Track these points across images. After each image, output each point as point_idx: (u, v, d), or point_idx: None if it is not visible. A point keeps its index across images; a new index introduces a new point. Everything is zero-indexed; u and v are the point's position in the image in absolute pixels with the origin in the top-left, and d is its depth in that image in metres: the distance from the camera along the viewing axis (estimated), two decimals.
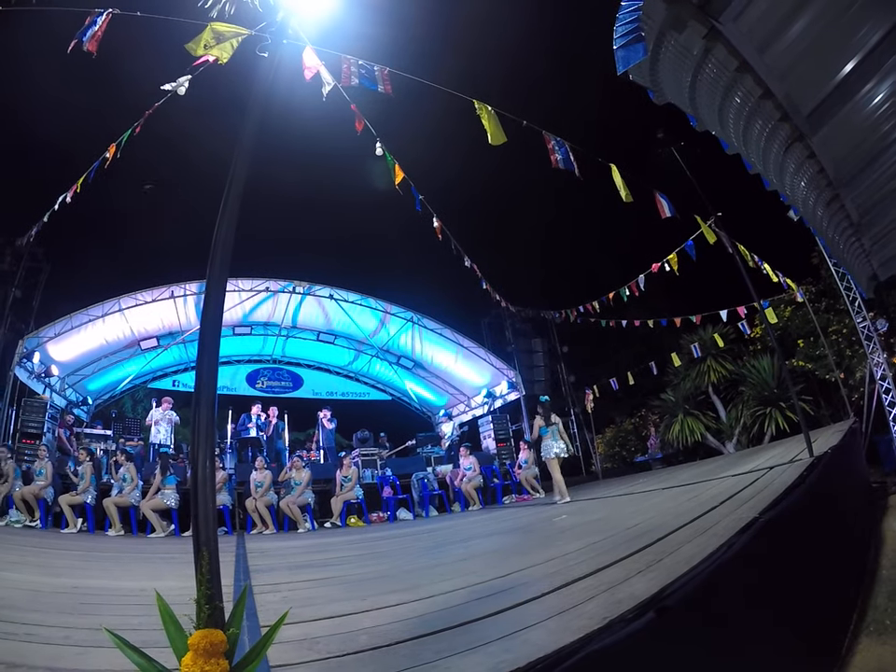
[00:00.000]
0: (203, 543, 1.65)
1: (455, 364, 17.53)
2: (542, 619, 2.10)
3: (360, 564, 5.16)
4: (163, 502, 9.67)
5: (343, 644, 2.12)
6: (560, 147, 7.19)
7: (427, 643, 2.02)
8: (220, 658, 1.38)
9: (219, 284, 2.17)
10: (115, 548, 7.80)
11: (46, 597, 3.61)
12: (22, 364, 12.92)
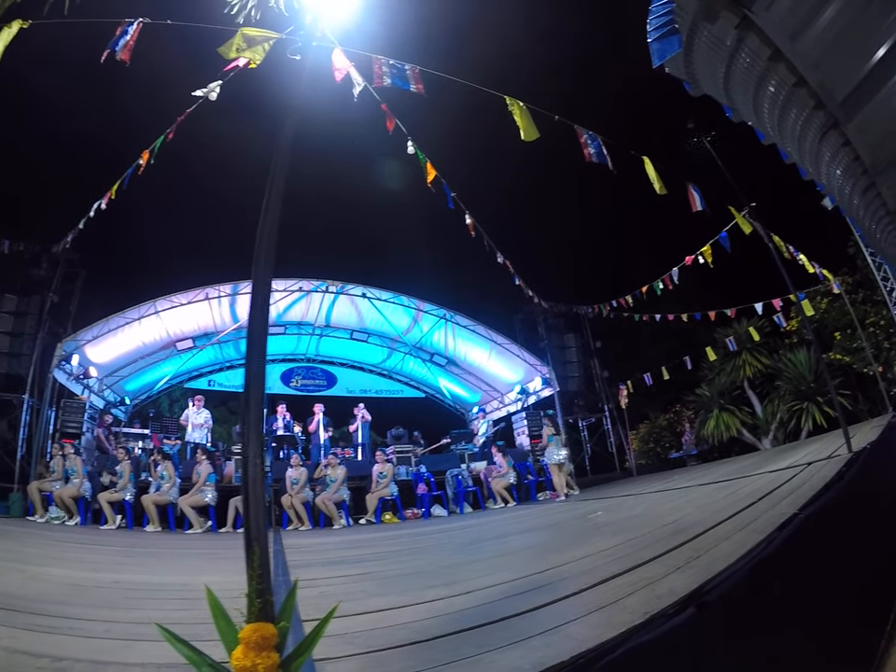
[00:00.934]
0: (253, 539, 1.67)
1: (489, 361, 17.46)
2: (583, 614, 2.10)
3: (396, 560, 5.19)
4: (202, 499, 9.83)
5: (383, 639, 2.14)
6: (593, 140, 7.13)
7: (468, 638, 2.03)
8: (271, 651, 1.40)
9: (265, 283, 2.21)
10: (153, 544, 7.94)
11: (88, 592, 3.69)
12: (61, 366, 13.27)
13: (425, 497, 11.24)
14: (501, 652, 1.78)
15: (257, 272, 2.16)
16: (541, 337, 17.31)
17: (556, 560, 3.43)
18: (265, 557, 1.61)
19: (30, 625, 2.53)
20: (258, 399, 1.92)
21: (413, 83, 6.49)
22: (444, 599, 2.74)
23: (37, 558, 5.62)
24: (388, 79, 6.46)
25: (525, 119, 6.51)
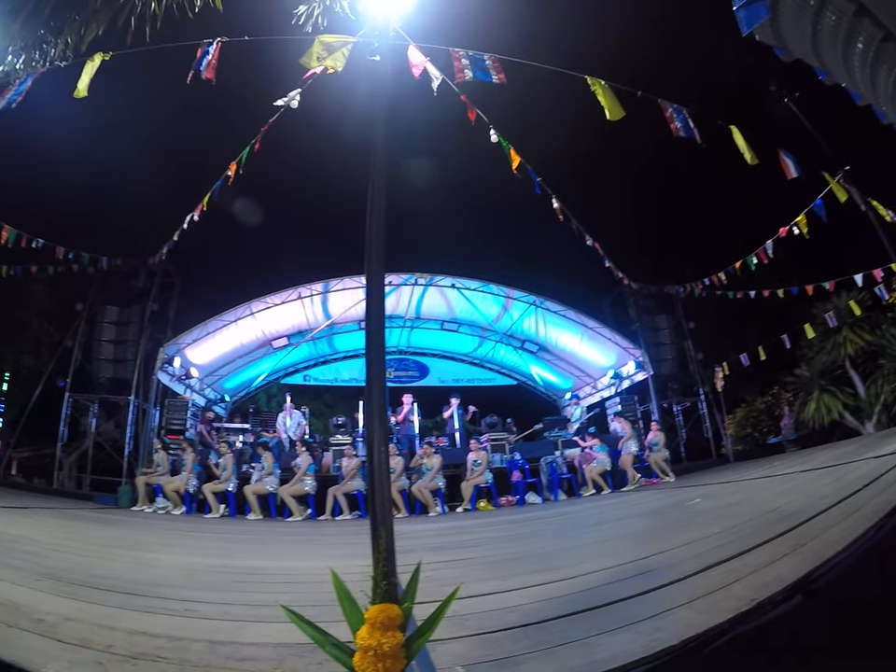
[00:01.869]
0: (379, 524, 1.76)
1: (580, 345, 17.21)
2: (690, 599, 2.11)
3: (496, 545, 5.25)
4: (302, 488, 10.21)
5: (492, 621, 2.20)
6: (678, 114, 6.93)
7: (577, 621, 2.07)
8: (395, 631, 1.46)
9: (378, 278, 2.33)
10: (257, 531, 8.29)
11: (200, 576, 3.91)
12: (164, 369, 14.13)
13: (519, 485, 11.26)
14: (610, 636, 1.82)
15: (369, 267, 2.27)
16: (633, 319, 16.82)
17: (658, 546, 3.42)
18: (390, 541, 1.68)
19: (147, 608, 2.69)
20: (380, 388, 2.03)
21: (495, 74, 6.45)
22: (550, 584, 2.78)
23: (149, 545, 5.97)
24: (469, 72, 6.43)
25: (608, 98, 6.37)
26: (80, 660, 1.88)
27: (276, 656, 1.97)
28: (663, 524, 5.37)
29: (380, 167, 2.44)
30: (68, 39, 4.55)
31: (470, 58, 6.47)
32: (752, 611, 1.77)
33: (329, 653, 1.54)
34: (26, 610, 2.41)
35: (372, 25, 4.54)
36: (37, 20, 4.33)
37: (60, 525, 7.04)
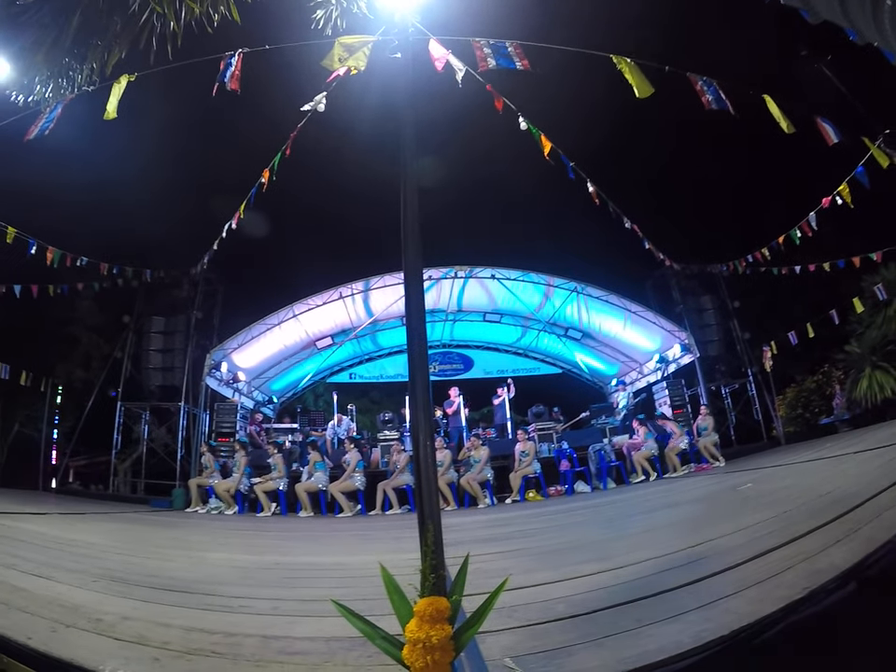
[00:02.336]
0: (427, 517, 1.77)
1: (624, 330, 16.91)
2: (740, 588, 2.09)
3: (545, 536, 5.25)
4: (352, 484, 10.32)
5: (541, 612, 2.20)
6: (709, 86, 6.77)
7: (626, 612, 2.06)
8: (444, 623, 1.47)
9: (416, 273, 2.35)
10: (308, 528, 8.42)
11: (253, 573, 4.00)
12: (212, 374, 14.44)
13: (568, 474, 11.19)
14: (660, 626, 1.81)
15: (407, 263, 2.28)
16: (676, 301, 16.49)
17: (708, 534, 3.37)
18: (438, 534, 1.69)
19: (202, 605, 2.77)
20: (423, 383, 2.04)
21: (518, 60, 6.37)
22: (599, 574, 2.77)
23: (203, 544, 6.14)
24: (493, 61, 6.36)
25: (635, 76, 6.24)
26: (137, 657, 1.94)
27: (328, 650, 2.00)
28: (713, 510, 5.30)
29: (410, 163, 2.46)
30: (93, 65, 4.65)
31: (492, 46, 6.38)
32: (804, 600, 1.74)
33: (379, 646, 1.56)
34: (84, 611, 2.49)
35: (391, 23, 4.55)
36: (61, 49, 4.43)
37: (116, 529, 7.27)
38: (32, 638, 1.99)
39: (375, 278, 15.25)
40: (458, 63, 6.16)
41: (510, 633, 2.01)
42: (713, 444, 11.55)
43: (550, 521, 6.59)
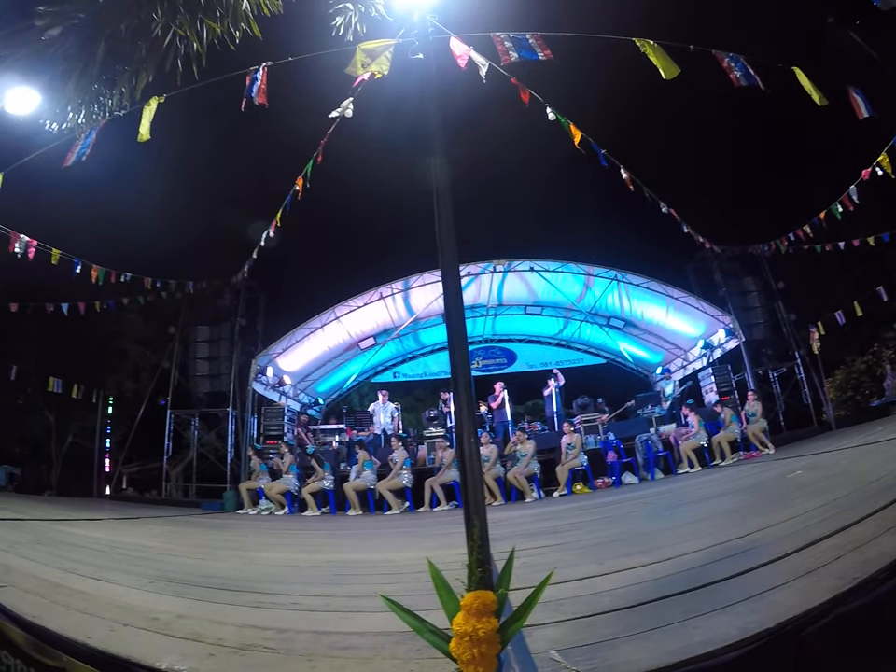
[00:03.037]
0: (473, 512, 1.78)
1: (667, 317, 16.68)
2: (788, 579, 2.06)
3: (592, 529, 5.23)
4: (399, 482, 10.42)
5: (587, 605, 2.21)
6: (736, 62, 6.64)
7: (672, 604, 2.05)
8: (490, 617, 1.49)
9: (453, 271, 2.35)
10: (357, 526, 8.54)
11: (304, 571, 4.09)
12: (258, 379, 14.72)
13: (615, 465, 11.11)
14: (706, 618, 1.80)
15: (444, 262, 2.29)
16: (719, 285, 16.11)
17: (757, 524, 3.33)
18: (484, 529, 1.71)
19: (255, 603, 2.83)
20: (465, 380, 2.05)
21: (540, 51, 6.33)
22: (645, 566, 2.76)
23: (255, 545, 6.26)
24: (515, 54, 6.31)
25: (660, 58, 6.13)
26: (192, 653, 1.99)
27: (377, 644, 2.03)
28: (762, 499, 5.22)
29: (441, 161, 2.47)
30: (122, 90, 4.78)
31: (513, 39, 6.35)
32: (854, 591, 1.71)
33: (427, 640, 1.58)
34: (140, 610, 2.57)
35: (410, 24, 4.57)
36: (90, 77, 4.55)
37: (170, 532, 7.44)
38: (91, 638, 2.07)
39: (414, 277, 15.35)
40: (481, 58, 6.16)
41: (555, 626, 2.01)
42: (762, 431, 11.28)
43: (597, 513, 6.56)
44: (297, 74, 6.51)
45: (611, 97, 17.66)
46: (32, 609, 2.39)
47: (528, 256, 15.86)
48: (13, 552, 4.20)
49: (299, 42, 6.19)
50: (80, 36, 4.47)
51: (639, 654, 1.58)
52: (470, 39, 6.19)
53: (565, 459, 10.78)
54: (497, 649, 1.47)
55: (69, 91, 4.69)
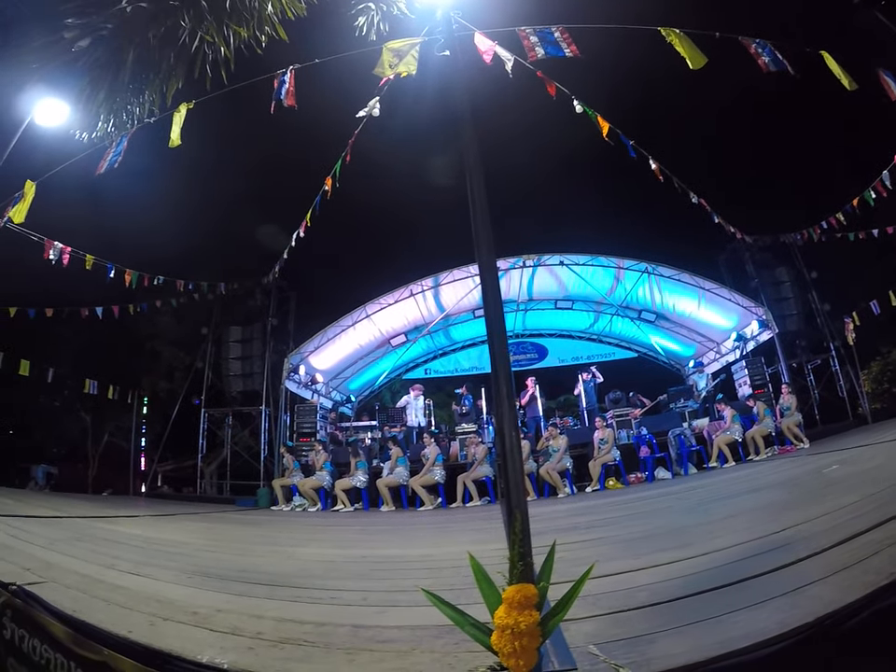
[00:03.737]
0: (514, 506, 1.80)
1: (699, 310, 16.44)
2: (826, 574, 2.04)
3: (627, 524, 5.21)
4: (432, 478, 10.47)
5: (624, 600, 2.22)
6: (763, 48, 6.53)
7: (709, 599, 2.05)
8: (532, 610, 1.50)
9: (491, 266, 2.39)
10: (390, 522, 8.57)
11: (340, 566, 4.14)
12: (290, 378, 14.92)
13: (648, 460, 11.02)
14: (744, 613, 1.79)
15: (481, 257, 2.34)
16: (751, 275, 15.77)
17: (793, 519, 3.30)
18: (525, 522, 1.72)
19: (293, 597, 2.89)
20: (506, 375, 2.07)
21: (566, 46, 6.28)
22: (681, 561, 2.76)
23: (290, 540, 6.34)
24: (541, 50, 6.26)
25: (686, 47, 6.04)
26: (232, 646, 2.04)
27: (415, 638, 2.06)
28: (797, 494, 5.15)
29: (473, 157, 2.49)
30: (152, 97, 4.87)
31: (538, 34, 6.31)
32: (892, 586, 1.70)
33: (468, 633, 1.60)
34: (180, 605, 2.63)
35: (434, 21, 4.58)
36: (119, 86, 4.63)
37: (206, 528, 7.57)
38: (132, 632, 2.11)
39: (444, 273, 15.45)
40: (506, 53, 6.15)
41: (593, 620, 2.03)
42: (796, 425, 11.04)
43: (631, 509, 6.53)
44: (322, 75, 6.57)
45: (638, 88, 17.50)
46: (73, 605, 2.45)
47: (558, 249, 15.75)
48: (53, 548, 4.30)
49: (322, 44, 6.23)
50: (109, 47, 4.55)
51: (678, 649, 1.59)
52: (494, 34, 6.18)
53: (597, 454, 10.73)
54: (537, 642, 1.48)
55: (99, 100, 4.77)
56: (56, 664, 2.10)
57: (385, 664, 1.82)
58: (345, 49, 6.10)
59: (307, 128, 13.71)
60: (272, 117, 6.49)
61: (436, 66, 4.86)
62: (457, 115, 2.65)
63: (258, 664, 1.83)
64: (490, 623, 1.55)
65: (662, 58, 6.50)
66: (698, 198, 11.48)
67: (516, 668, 1.44)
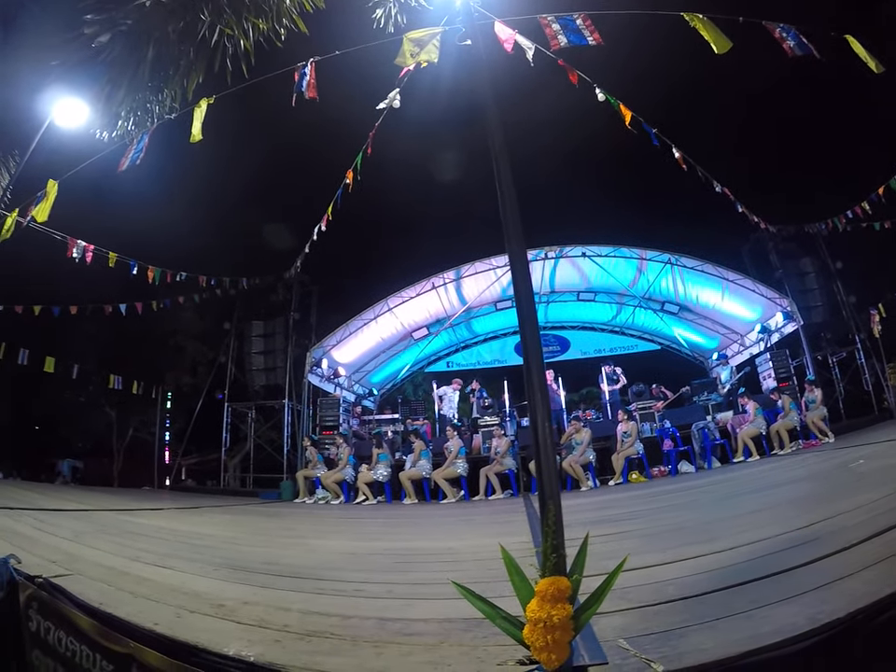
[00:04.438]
0: (548, 497, 1.79)
1: (722, 301, 16.27)
2: (857, 569, 2.02)
3: (652, 518, 5.19)
4: (455, 471, 10.49)
5: (652, 594, 2.20)
6: (788, 32, 6.42)
7: (739, 593, 2.03)
8: (564, 603, 1.49)
9: (521, 258, 2.36)
10: (414, 515, 8.63)
11: (365, 559, 4.15)
12: (313, 371, 15.12)
13: (671, 454, 10.98)
14: (774, 608, 1.78)
15: (511, 249, 2.31)
16: (775, 266, 15.57)
17: (821, 513, 3.27)
18: (559, 514, 1.71)
19: (317, 590, 2.89)
20: (538, 365, 2.07)
21: (589, 34, 6.20)
22: (709, 555, 2.74)
23: (314, 533, 6.38)
24: (564, 38, 6.18)
25: (710, 32, 5.95)
26: (259, 639, 2.04)
27: (443, 631, 2.05)
28: (824, 489, 5.13)
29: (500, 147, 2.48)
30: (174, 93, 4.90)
31: (560, 22, 6.23)
32: None
33: (500, 626, 1.59)
34: (206, 597, 2.65)
35: (452, 11, 4.57)
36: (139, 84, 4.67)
37: (230, 521, 7.63)
38: (158, 624, 2.12)
39: (466, 266, 15.44)
40: (526, 41, 6.08)
41: (621, 614, 2.02)
42: (821, 419, 10.89)
43: (655, 502, 6.52)
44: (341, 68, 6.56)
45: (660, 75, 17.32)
46: (99, 597, 2.47)
47: (579, 241, 15.65)
48: (79, 541, 4.35)
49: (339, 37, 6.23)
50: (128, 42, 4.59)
51: (708, 643, 1.58)
52: (516, 23, 6.12)
53: (620, 447, 10.70)
54: (570, 635, 1.48)
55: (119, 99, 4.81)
56: (81, 655, 2.12)
57: (414, 657, 1.81)
58: (363, 41, 6.10)
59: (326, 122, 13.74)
60: (289, 111, 6.48)
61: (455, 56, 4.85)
62: (481, 103, 2.64)
63: (285, 656, 1.82)
64: (521, 616, 1.54)
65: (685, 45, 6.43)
66: (722, 187, 11.33)
67: (548, 662, 1.43)
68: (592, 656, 1.59)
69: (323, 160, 13.44)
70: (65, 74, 4.93)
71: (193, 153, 8.99)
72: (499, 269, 15.40)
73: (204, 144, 6.19)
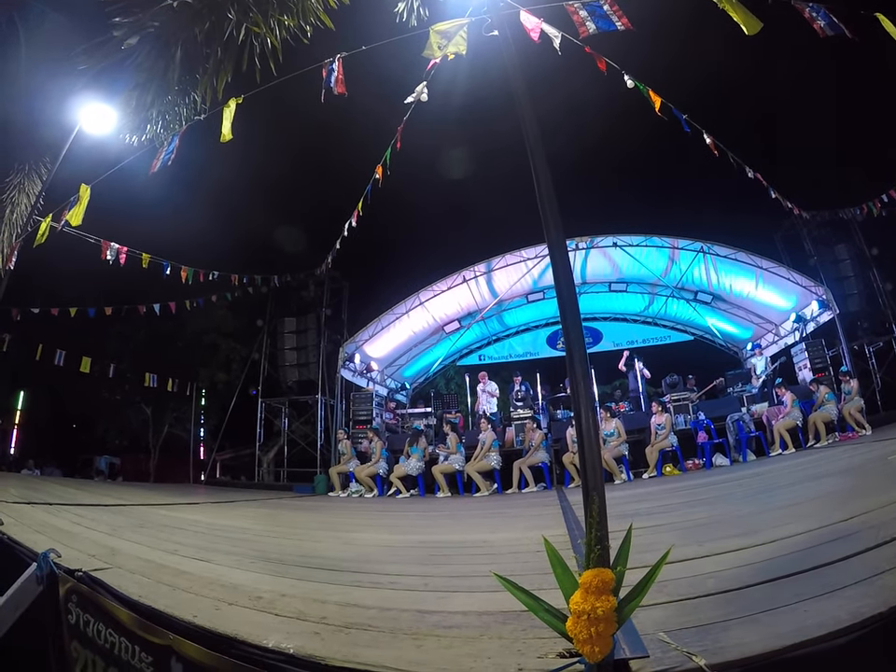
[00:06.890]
0: (592, 489, 1.81)
1: (756, 290, 15.99)
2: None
3: (688, 511, 5.16)
4: (488, 464, 10.50)
5: (691, 587, 2.19)
6: (818, 11, 6.27)
7: (780, 587, 2.01)
8: (609, 595, 1.49)
9: (561, 247, 2.37)
10: (447, 508, 8.59)
11: (400, 551, 4.16)
12: (346, 366, 15.23)
13: (706, 446, 10.86)
14: (816, 602, 1.76)
15: (550, 239, 2.32)
16: (809, 253, 15.32)
17: (859, 507, 3.21)
18: (603, 506, 1.73)
19: (354, 582, 2.90)
20: (580, 355, 2.07)
21: (617, 19, 6.11)
22: (747, 549, 2.71)
23: (349, 526, 6.41)
24: (592, 25, 6.09)
25: (740, 12, 5.82)
26: (298, 631, 2.06)
27: (482, 624, 2.05)
28: (862, 482, 5.05)
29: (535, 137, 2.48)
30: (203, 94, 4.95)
31: (587, 8, 6.15)
32: None
33: (543, 619, 1.59)
34: (244, 590, 2.68)
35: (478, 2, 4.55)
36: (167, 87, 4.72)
37: (265, 514, 7.73)
38: (197, 616, 2.15)
39: (497, 258, 15.46)
40: (552, 29, 6.02)
41: (661, 607, 2.01)
42: (858, 410, 10.68)
43: (690, 495, 6.45)
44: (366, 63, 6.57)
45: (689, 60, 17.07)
46: (138, 590, 2.52)
47: (611, 231, 15.55)
48: (117, 535, 4.44)
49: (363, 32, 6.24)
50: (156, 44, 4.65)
51: (751, 637, 1.57)
52: (539, 11, 6.06)
53: (654, 440, 10.63)
54: (613, 628, 1.48)
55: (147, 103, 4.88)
56: (121, 647, 2.17)
57: (454, 650, 1.81)
58: (385, 36, 6.10)
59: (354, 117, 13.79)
60: (316, 109, 6.51)
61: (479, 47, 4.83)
62: (514, 94, 2.63)
63: (324, 648, 1.83)
64: (563, 608, 1.55)
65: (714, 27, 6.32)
66: (754, 172, 11.13)
67: (591, 655, 1.43)
68: (632, 649, 1.59)
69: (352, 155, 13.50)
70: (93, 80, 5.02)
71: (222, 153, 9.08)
72: (530, 261, 15.40)
73: (232, 143, 6.25)
